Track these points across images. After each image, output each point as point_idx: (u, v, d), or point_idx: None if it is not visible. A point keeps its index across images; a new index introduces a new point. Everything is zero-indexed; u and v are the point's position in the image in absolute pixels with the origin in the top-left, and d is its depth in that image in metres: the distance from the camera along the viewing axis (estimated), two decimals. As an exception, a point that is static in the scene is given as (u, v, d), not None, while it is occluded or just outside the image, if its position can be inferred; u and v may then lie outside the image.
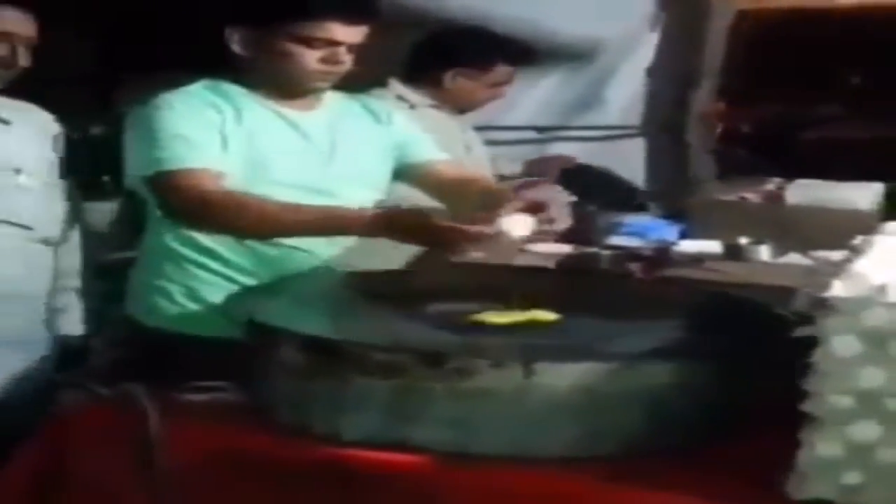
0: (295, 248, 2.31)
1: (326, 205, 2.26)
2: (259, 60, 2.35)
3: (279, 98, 2.38)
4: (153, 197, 2.29)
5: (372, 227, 2.17)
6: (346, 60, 2.34)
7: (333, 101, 2.47)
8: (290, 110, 2.39)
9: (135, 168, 2.28)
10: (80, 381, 1.77)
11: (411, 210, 2.24)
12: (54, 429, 1.79)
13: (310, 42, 2.30)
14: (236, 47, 2.35)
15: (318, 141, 2.39)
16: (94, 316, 2.73)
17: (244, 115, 2.33)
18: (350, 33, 2.32)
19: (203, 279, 2.32)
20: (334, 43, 2.31)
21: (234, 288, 2.23)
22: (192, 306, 2.31)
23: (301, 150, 2.37)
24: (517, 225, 2.11)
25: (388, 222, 2.16)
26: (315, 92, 2.41)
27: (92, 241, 2.76)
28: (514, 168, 3.81)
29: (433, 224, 2.11)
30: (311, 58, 2.31)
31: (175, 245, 2.34)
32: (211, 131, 2.27)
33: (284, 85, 2.37)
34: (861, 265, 1.48)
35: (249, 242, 2.30)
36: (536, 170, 3.82)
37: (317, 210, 2.23)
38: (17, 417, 2.08)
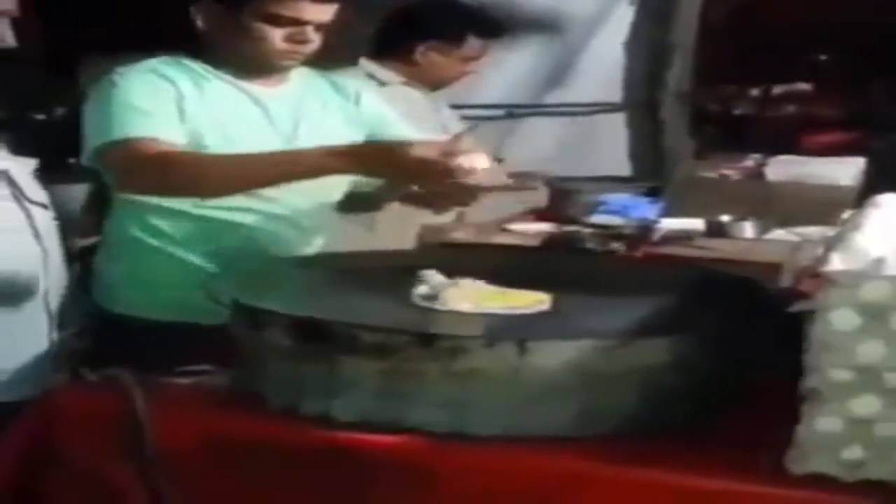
0: (263, 228, 2.27)
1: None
2: (223, 37, 2.29)
3: (243, 75, 2.32)
4: (104, 169, 2.24)
5: (341, 163, 2.11)
6: (314, 39, 2.27)
7: (300, 78, 2.40)
8: (253, 86, 2.33)
9: (89, 140, 2.23)
10: (66, 364, 1.73)
11: (381, 143, 2.19)
12: (41, 413, 1.75)
13: (276, 20, 2.22)
14: (200, 22, 2.28)
15: (280, 119, 2.33)
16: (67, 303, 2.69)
17: (205, 90, 2.27)
18: (318, 11, 2.25)
19: (163, 264, 2.27)
20: (301, 22, 2.23)
21: (195, 272, 2.16)
22: (155, 292, 2.27)
23: (263, 128, 2.31)
24: (478, 160, 2.05)
25: (357, 157, 2.11)
26: (280, 70, 2.34)
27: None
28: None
29: (405, 156, 2.05)
30: (276, 36, 2.24)
31: (135, 231, 2.29)
32: (166, 103, 2.21)
33: (248, 62, 2.31)
34: (859, 238, 1.47)
35: (211, 226, 2.24)
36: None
37: (279, 154, 2.18)
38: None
